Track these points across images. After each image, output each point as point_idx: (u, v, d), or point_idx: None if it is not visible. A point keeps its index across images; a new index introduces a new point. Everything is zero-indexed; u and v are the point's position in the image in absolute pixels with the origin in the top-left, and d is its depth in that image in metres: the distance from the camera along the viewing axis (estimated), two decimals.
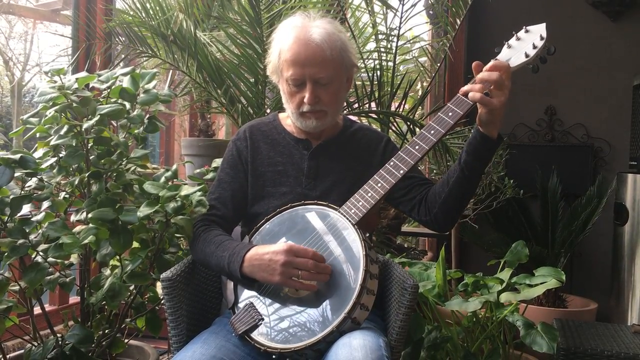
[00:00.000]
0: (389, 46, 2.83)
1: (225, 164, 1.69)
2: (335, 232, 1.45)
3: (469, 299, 1.94)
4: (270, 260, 1.39)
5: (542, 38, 1.47)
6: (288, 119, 1.71)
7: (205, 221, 1.60)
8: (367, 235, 1.43)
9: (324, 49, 1.53)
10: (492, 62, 1.44)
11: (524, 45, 1.48)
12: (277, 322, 1.39)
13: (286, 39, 1.57)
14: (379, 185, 1.47)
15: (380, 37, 2.88)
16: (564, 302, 3.14)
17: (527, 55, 1.46)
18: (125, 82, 1.82)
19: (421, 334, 1.84)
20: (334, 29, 1.58)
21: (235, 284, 1.51)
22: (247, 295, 1.48)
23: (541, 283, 1.94)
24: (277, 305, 1.42)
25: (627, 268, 2.95)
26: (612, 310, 3.12)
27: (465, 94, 1.44)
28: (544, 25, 1.49)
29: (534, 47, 1.46)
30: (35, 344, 1.78)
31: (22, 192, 1.69)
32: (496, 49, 1.52)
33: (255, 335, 1.39)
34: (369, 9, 2.89)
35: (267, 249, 1.42)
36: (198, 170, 2.16)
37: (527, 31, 1.51)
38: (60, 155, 1.75)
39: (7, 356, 1.87)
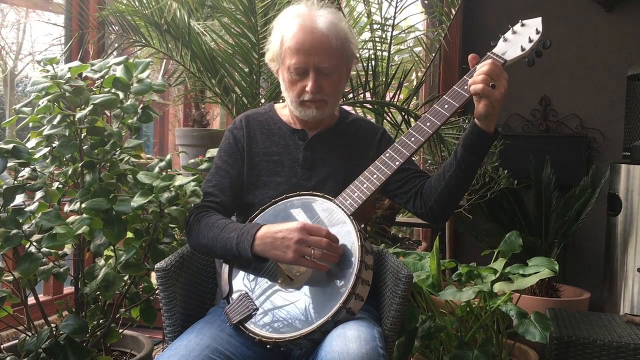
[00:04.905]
0: (383, 36, 2.83)
1: (222, 152, 1.68)
2: (331, 222, 1.45)
3: (462, 288, 1.95)
4: (283, 238, 1.38)
5: (537, 32, 1.47)
6: (284, 109, 1.70)
7: (204, 208, 1.59)
8: (362, 226, 1.43)
9: (330, 38, 1.53)
10: (481, 66, 1.44)
11: (520, 38, 1.49)
12: (272, 312, 1.40)
13: (290, 27, 1.56)
14: (375, 176, 1.47)
15: (375, 26, 2.87)
16: (557, 292, 3.16)
17: (523, 49, 1.47)
18: (119, 72, 1.81)
19: (415, 323, 1.84)
20: (338, 19, 1.58)
21: (229, 273, 1.50)
22: (241, 286, 1.48)
23: (534, 273, 1.95)
24: (271, 295, 1.42)
25: (619, 258, 2.97)
26: (605, 300, 3.14)
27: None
28: (539, 19, 1.49)
29: (530, 40, 1.47)
30: (30, 334, 1.77)
31: (15, 182, 1.68)
32: (492, 42, 1.52)
33: (249, 325, 1.39)
34: None
35: (279, 227, 1.41)
36: (192, 161, 2.15)
37: (523, 25, 1.51)
38: (54, 145, 1.74)
39: (1, 346, 1.87)
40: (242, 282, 1.48)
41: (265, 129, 1.69)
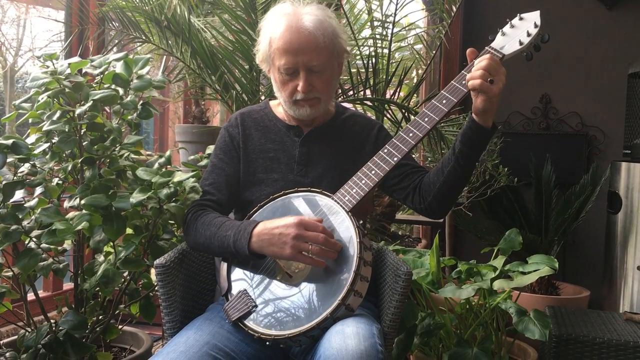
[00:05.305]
0: (384, 33, 2.82)
1: (218, 150, 1.68)
2: (329, 219, 1.45)
3: (462, 286, 1.95)
4: (280, 234, 1.38)
5: (536, 26, 1.46)
6: (279, 107, 1.70)
7: (200, 206, 1.59)
8: (361, 222, 1.43)
9: (317, 36, 1.52)
10: (479, 61, 1.43)
11: (518, 32, 1.48)
12: (271, 308, 1.40)
13: (277, 27, 1.55)
14: (373, 172, 1.47)
15: (375, 24, 2.86)
16: (557, 290, 3.16)
17: (521, 43, 1.46)
18: (119, 68, 1.81)
19: (414, 321, 1.84)
20: (324, 15, 1.57)
21: (228, 270, 1.50)
22: (240, 283, 1.48)
23: (534, 270, 1.95)
24: (270, 292, 1.42)
25: (619, 256, 2.97)
26: (605, 298, 3.14)
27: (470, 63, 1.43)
28: (537, 12, 1.48)
29: (528, 34, 1.46)
30: (29, 330, 1.78)
31: (15, 177, 1.68)
32: (490, 36, 1.52)
33: (248, 322, 1.39)
34: None
35: (276, 223, 1.40)
36: (192, 157, 2.15)
37: (521, 19, 1.50)
38: (53, 140, 1.74)
39: (1, 342, 1.87)
40: (241, 279, 1.48)
41: (261, 126, 1.69)
